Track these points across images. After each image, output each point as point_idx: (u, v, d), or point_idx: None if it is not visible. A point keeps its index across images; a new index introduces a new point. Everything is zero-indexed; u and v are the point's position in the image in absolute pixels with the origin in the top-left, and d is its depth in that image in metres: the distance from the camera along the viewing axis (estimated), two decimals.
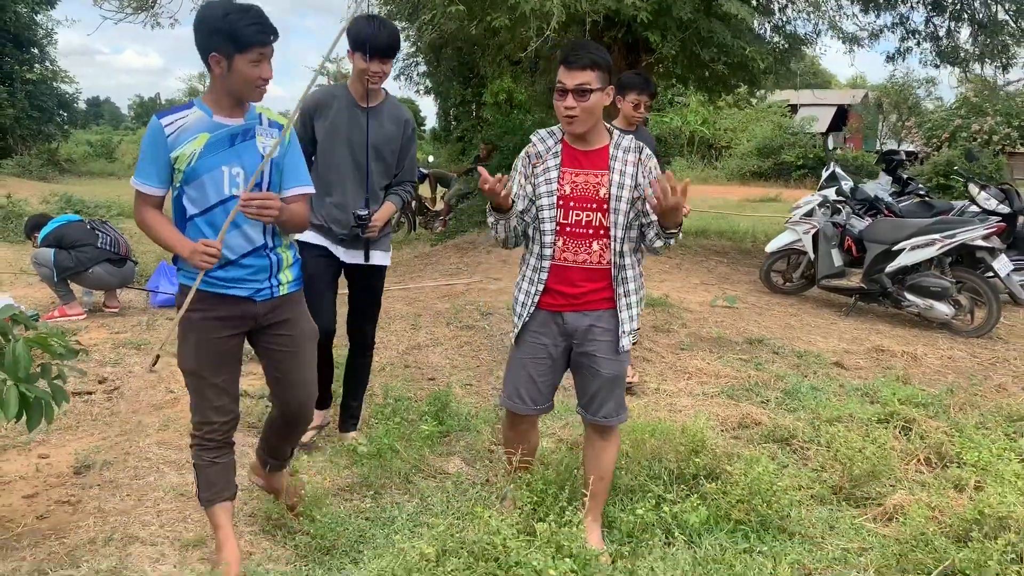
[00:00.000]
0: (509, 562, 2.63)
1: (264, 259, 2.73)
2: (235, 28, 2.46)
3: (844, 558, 3.17)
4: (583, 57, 2.83)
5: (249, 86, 2.56)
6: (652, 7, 7.62)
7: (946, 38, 10.31)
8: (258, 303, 2.73)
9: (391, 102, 3.76)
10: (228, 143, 2.62)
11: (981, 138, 28.51)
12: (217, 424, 2.76)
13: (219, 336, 2.69)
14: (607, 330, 2.98)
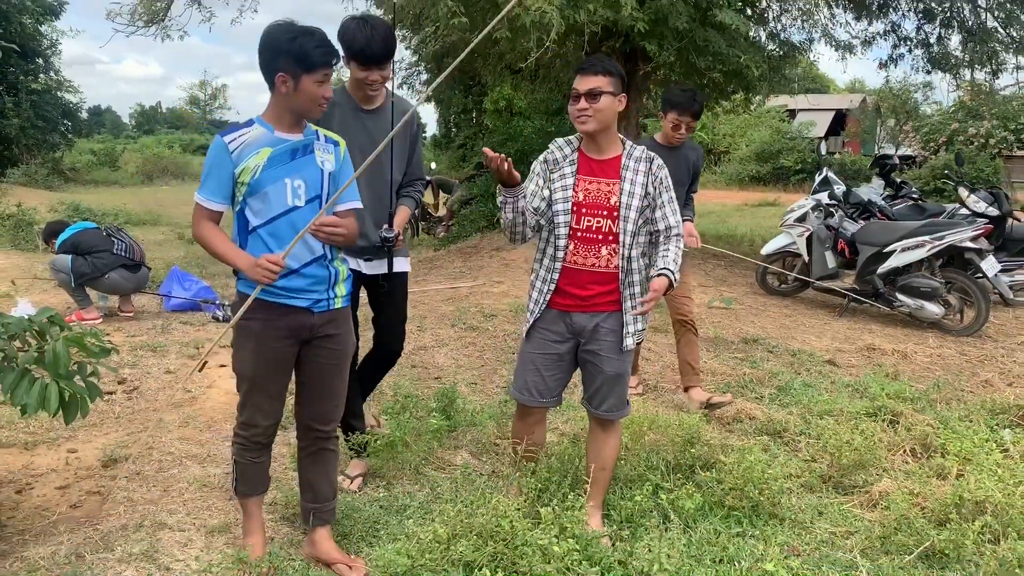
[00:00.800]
0: (516, 542, 2.83)
1: (324, 270, 2.85)
2: (304, 50, 2.61)
3: (831, 540, 3.36)
4: (596, 65, 3.05)
5: (313, 104, 2.71)
6: (649, 17, 7.82)
7: (937, 45, 10.54)
8: (315, 314, 2.84)
9: (397, 101, 3.63)
10: (289, 157, 2.76)
11: (978, 142, 28.76)
12: (263, 428, 2.90)
13: (277, 345, 2.81)
14: (612, 330, 3.17)
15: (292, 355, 2.86)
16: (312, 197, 2.78)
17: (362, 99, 3.46)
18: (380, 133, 3.46)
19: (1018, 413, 4.58)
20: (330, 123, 3.42)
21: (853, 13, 10.44)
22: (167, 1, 8.43)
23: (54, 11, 26.31)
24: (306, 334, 2.84)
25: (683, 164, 4.73)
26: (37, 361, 2.90)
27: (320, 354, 2.90)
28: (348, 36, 3.26)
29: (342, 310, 2.94)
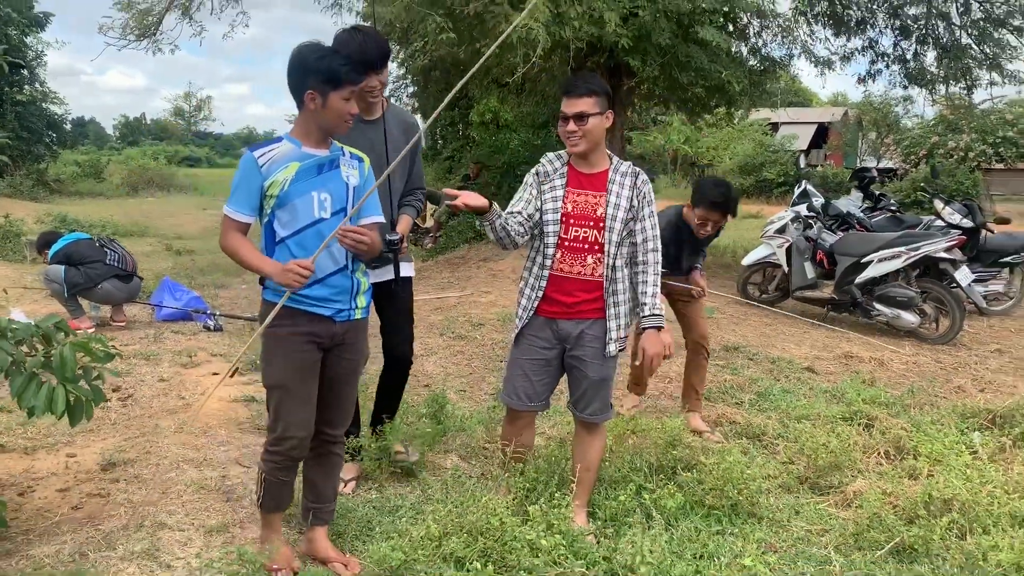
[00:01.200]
0: (505, 538, 2.96)
1: (347, 280, 2.97)
2: (331, 68, 2.75)
3: (807, 538, 3.51)
4: (581, 87, 3.19)
5: (339, 120, 2.84)
6: (633, 33, 8.02)
7: (913, 61, 10.82)
8: (337, 323, 2.95)
9: (394, 110, 3.75)
10: (316, 171, 2.88)
11: (957, 155, 29.20)
12: (298, 439, 2.94)
13: (304, 350, 2.90)
14: (596, 337, 3.31)
15: (318, 361, 2.94)
16: (338, 210, 2.90)
17: (363, 110, 3.54)
18: (381, 143, 3.58)
19: (988, 417, 4.75)
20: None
21: (832, 29, 10.71)
22: (159, 15, 8.54)
23: (40, 23, 26.33)
24: (328, 342, 2.94)
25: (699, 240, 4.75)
26: (44, 365, 3.01)
27: (338, 363, 3.01)
28: (343, 46, 3.34)
29: (361, 320, 3.06)
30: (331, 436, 3.12)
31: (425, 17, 7.43)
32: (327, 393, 3.04)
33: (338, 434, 3.15)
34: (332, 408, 3.08)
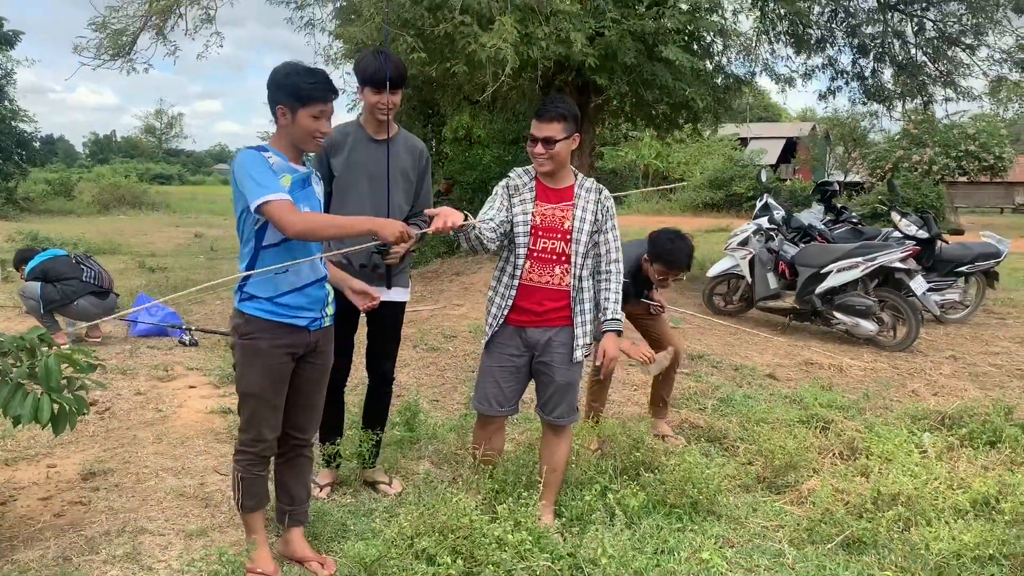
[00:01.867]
0: (474, 535, 3.11)
1: (323, 289, 3.13)
2: (297, 85, 2.89)
3: (763, 533, 3.70)
4: (551, 111, 3.37)
5: (308, 136, 2.96)
6: (599, 52, 8.24)
7: (871, 78, 11.18)
8: (311, 332, 3.10)
9: (404, 134, 3.88)
10: (302, 186, 3.04)
11: (921, 168, 29.87)
12: (270, 441, 3.10)
13: (282, 361, 3.04)
14: (563, 343, 3.49)
15: (291, 370, 3.09)
16: None
17: (374, 130, 3.73)
18: (392, 162, 3.73)
19: (937, 419, 4.98)
20: (342, 151, 3.73)
21: (793, 48, 11.04)
22: (132, 35, 8.65)
23: (9, 40, 26.25)
24: (302, 351, 3.09)
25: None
26: (30, 376, 3.13)
27: (308, 369, 3.15)
28: (362, 64, 3.62)
29: (330, 327, 3.22)
30: (300, 440, 3.25)
31: (396, 37, 7.61)
32: (297, 398, 3.18)
33: (307, 438, 3.28)
34: (301, 413, 3.22)
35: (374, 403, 4.09)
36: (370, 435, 3.97)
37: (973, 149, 30.31)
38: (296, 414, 3.20)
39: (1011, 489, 3.86)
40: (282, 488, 3.31)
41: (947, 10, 10.37)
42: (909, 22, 10.66)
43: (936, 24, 10.51)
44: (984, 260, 8.59)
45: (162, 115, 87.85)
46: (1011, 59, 9.87)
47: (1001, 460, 4.38)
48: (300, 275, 3.02)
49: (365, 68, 3.58)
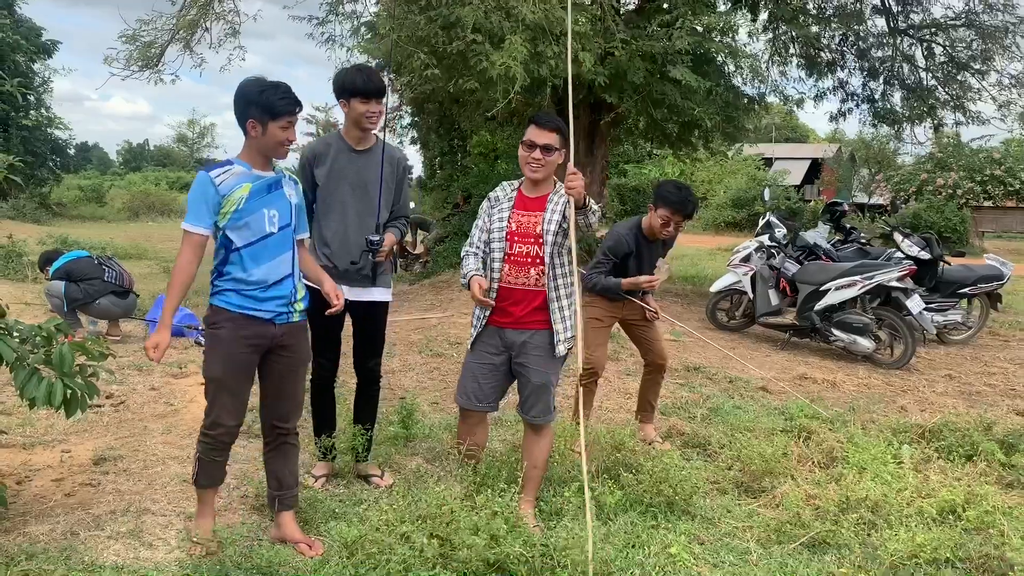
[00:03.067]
0: (453, 522, 3.32)
1: (291, 286, 3.37)
2: (270, 101, 3.16)
3: (733, 533, 3.86)
4: (552, 121, 3.62)
5: (278, 146, 3.25)
6: (609, 72, 8.48)
7: (881, 100, 11.31)
8: (277, 326, 3.33)
9: (385, 144, 4.07)
10: (266, 191, 3.29)
11: (946, 192, 29.76)
12: (228, 427, 3.33)
13: (242, 351, 3.27)
14: (538, 346, 3.71)
15: (255, 361, 3.32)
16: (283, 225, 3.33)
17: (355, 140, 3.98)
18: (368, 171, 3.98)
19: (918, 432, 5.11)
20: (325, 161, 3.97)
21: (805, 70, 11.22)
22: (161, 48, 9.01)
23: (47, 50, 27.02)
24: (268, 343, 3.31)
25: (660, 248, 5.04)
26: (45, 362, 3.39)
27: (279, 362, 3.38)
28: (348, 79, 3.87)
29: (299, 323, 3.44)
30: (284, 429, 3.48)
31: (411, 54, 7.89)
32: (274, 389, 3.42)
33: (290, 427, 3.49)
34: (281, 402, 3.45)
35: (363, 400, 4.30)
36: (361, 430, 4.19)
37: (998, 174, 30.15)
38: (276, 404, 3.44)
39: (978, 499, 4.01)
40: (271, 475, 3.53)
41: (956, 35, 10.51)
42: (919, 46, 10.80)
43: (945, 49, 10.65)
44: (987, 282, 8.68)
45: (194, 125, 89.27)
46: (1020, 84, 9.96)
47: (975, 473, 4.51)
48: (273, 272, 3.27)
49: (352, 81, 3.83)
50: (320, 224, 4.01)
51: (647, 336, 5.15)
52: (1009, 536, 3.71)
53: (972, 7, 10.35)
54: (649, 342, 5.14)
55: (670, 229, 4.73)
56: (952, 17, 10.66)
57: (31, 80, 26.54)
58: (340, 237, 3.97)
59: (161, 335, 3.17)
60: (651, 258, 4.96)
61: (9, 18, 24.92)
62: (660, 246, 5.00)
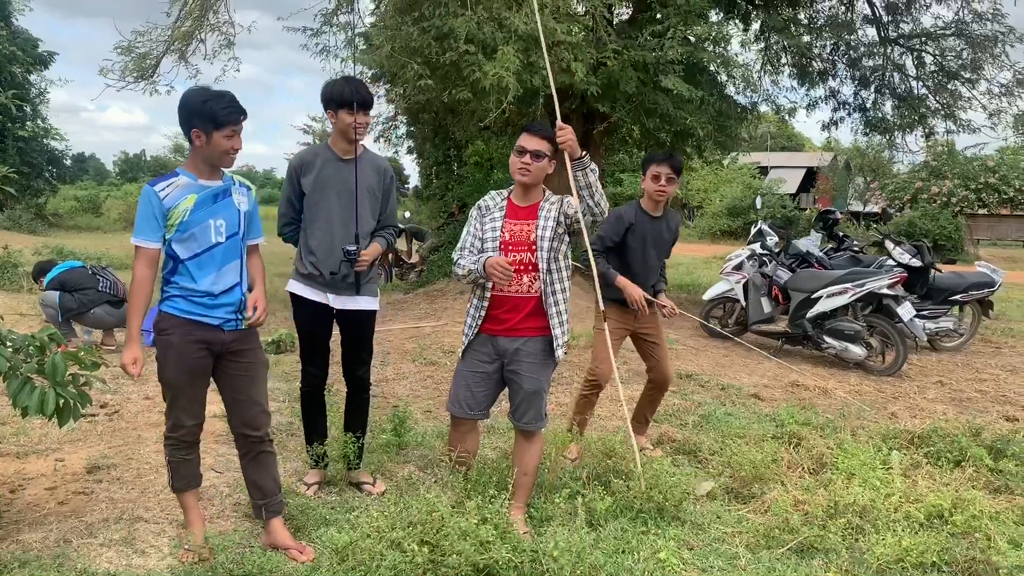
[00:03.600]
0: (443, 528, 3.34)
1: (239, 294, 3.40)
2: (213, 110, 3.17)
3: (723, 538, 3.89)
4: (543, 129, 3.69)
5: (223, 155, 3.26)
6: (602, 81, 8.54)
7: (872, 109, 11.40)
8: (225, 332, 3.36)
9: (370, 154, 4.13)
10: (212, 201, 3.31)
11: (940, 200, 29.91)
12: (188, 427, 3.40)
13: (194, 355, 3.31)
14: (531, 353, 3.74)
15: (208, 364, 3.36)
16: (231, 234, 3.35)
17: (342, 150, 4.02)
18: (353, 181, 4.01)
19: (908, 438, 5.15)
20: (312, 170, 4.01)
21: (797, 79, 11.30)
22: (156, 59, 9.06)
23: (44, 61, 27.06)
24: (218, 348, 3.35)
25: (665, 231, 4.94)
26: (38, 371, 3.41)
27: (234, 367, 3.41)
28: (335, 90, 3.91)
29: (248, 331, 3.45)
30: (255, 437, 3.49)
31: (405, 65, 7.95)
32: (235, 395, 3.44)
33: (261, 435, 3.50)
34: (245, 408, 3.47)
35: (353, 409, 4.33)
36: (352, 438, 4.22)
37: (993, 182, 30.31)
38: (240, 411, 3.46)
39: (965, 504, 4.04)
40: (252, 484, 3.56)
41: (946, 45, 10.60)
42: (909, 55, 10.89)
43: (935, 58, 10.74)
44: (978, 289, 8.74)
45: None
46: (1009, 93, 10.05)
47: (963, 478, 4.55)
48: (223, 282, 3.30)
49: (340, 93, 3.86)
50: (307, 232, 4.05)
51: (656, 354, 5.07)
52: (995, 540, 3.75)
53: (961, 17, 10.46)
54: (657, 360, 5.08)
55: (662, 183, 4.67)
56: (942, 27, 10.76)
57: (27, 91, 26.59)
58: (326, 245, 3.99)
59: (134, 350, 3.23)
60: (655, 240, 4.87)
61: (6, 30, 24.96)
62: (664, 229, 4.91)
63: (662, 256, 5.00)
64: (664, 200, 4.81)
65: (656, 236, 4.88)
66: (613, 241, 4.80)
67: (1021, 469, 4.74)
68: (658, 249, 4.92)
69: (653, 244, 4.87)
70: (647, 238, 4.84)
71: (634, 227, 4.79)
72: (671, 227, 4.99)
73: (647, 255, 4.86)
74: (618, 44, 8.40)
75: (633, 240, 4.80)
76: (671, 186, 4.72)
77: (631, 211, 4.83)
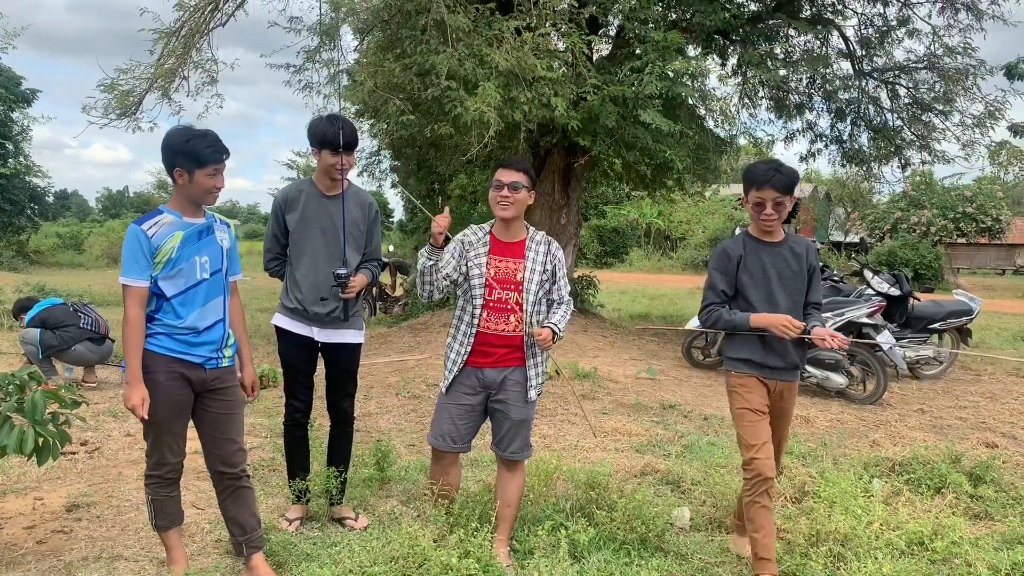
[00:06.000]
0: (425, 562, 3.34)
1: (221, 331, 3.42)
2: (196, 149, 3.21)
3: (706, 568, 3.90)
4: (518, 163, 3.75)
5: (206, 194, 3.30)
6: (582, 116, 8.66)
7: (849, 141, 11.60)
8: (207, 370, 3.38)
9: (354, 189, 4.15)
10: (197, 238, 3.35)
11: (920, 229, 30.31)
12: (172, 464, 3.39)
13: (178, 392, 3.31)
14: (517, 382, 3.76)
15: (190, 401, 3.36)
16: (215, 270, 3.39)
17: (326, 187, 4.06)
18: (339, 217, 4.05)
19: (889, 466, 5.19)
20: (296, 208, 4.05)
21: (774, 113, 11.50)
22: (139, 96, 9.11)
23: (27, 99, 27.09)
24: (199, 386, 3.36)
25: (791, 260, 3.70)
26: (17, 409, 3.41)
27: (212, 405, 3.42)
28: (320, 130, 3.93)
29: (228, 368, 3.47)
30: (232, 474, 3.49)
31: (387, 100, 8.03)
32: (213, 433, 3.44)
33: (238, 471, 3.50)
34: (221, 446, 3.46)
35: (336, 443, 4.32)
36: (334, 473, 4.21)
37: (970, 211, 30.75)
38: (218, 449, 3.46)
39: (945, 530, 4.07)
40: (231, 521, 3.54)
41: (919, 78, 10.82)
42: (884, 88, 11.10)
43: (909, 90, 10.95)
44: (956, 317, 8.84)
45: None
46: (982, 124, 10.25)
47: (943, 504, 4.58)
48: (203, 318, 3.32)
49: (324, 133, 3.89)
50: (292, 268, 4.08)
51: (782, 426, 3.96)
52: (976, 566, 3.77)
53: (933, 51, 10.68)
54: (780, 437, 3.97)
55: (768, 211, 3.53)
56: (914, 60, 10.99)
57: (10, 129, 26.59)
58: (311, 280, 4.02)
59: (140, 390, 3.19)
60: (778, 273, 3.68)
61: None
62: (788, 256, 3.70)
63: (795, 294, 3.73)
64: (775, 227, 3.66)
65: (779, 267, 3.69)
66: (727, 284, 3.73)
67: (1000, 495, 4.79)
68: (785, 284, 3.70)
69: (777, 279, 3.68)
70: (767, 271, 3.68)
71: (745, 260, 3.70)
72: (798, 253, 3.73)
73: (772, 294, 3.68)
74: (598, 79, 8.53)
75: (746, 277, 3.70)
76: (781, 212, 3.58)
77: (738, 242, 3.76)
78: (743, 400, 3.72)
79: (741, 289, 3.71)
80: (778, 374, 3.75)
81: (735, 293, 3.74)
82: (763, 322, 3.59)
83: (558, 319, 3.76)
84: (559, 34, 8.55)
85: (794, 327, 3.54)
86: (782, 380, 3.79)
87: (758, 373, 3.73)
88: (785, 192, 3.52)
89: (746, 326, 3.64)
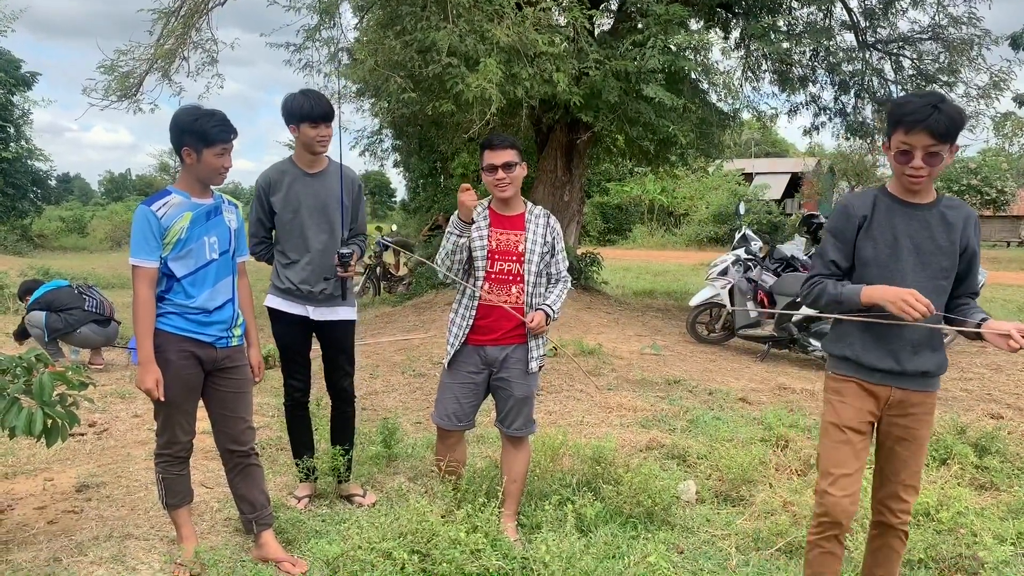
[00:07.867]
0: (433, 537, 3.36)
1: (231, 311, 3.44)
2: (204, 129, 3.21)
3: (712, 541, 3.92)
4: (504, 141, 3.71)
5: (214, 173, 3.30)
6: (584, 91, 8.60)
7: (853, 114, 11.51)
8: (217, 349, 3.39)
9: (335, 166, 4.12)
10: (206, 219, 3.35)
11: None
12: (183, 443, 3.42)
13: (189, 371, 3.33)
14: (519, 360, 3.77)
15: (200, 380, 3.38)
16: (223, 251, 3.39)
17: (307, 164, 4.04)
18: (324, 192, 4.04)
19: None
20: (280, 189, 4.03)
21: (777, 86, 11.41)
22: (139, 77, 9.08)
23: (27, 82, 27.00)
24: (210, 365, 3.37)
25: (928, 231, 2.73)
26: (26, 391, 3.42)
27: (222, 384, 3.44)
28: (295, 104, 3.90)
29: (238, 347, 3.49)
30: (242, 451, 3.52)
31: (388, 78, 7.99)
32: (223, 411, 3.47)
33: (247, 449, 3.53)
34: (231, 425, 3.49)
35: (339, 422, 4.34)
36: (340, 451, 4.23)
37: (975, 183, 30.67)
38: (227, 427, 3.49)
39: (951, 501, 4.09)
40: (240, 499, 3.57)
41: (923, 49, 10.72)
42: (888, 60, 11.01)
43: (913, 62, 10.86)
44: None
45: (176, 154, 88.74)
46: (987, 95, 10.16)
47: (949, 475, 4.60)
48: (213, 298, 3.33)
49: (301, 106, 3.85)
50: (282, 249, 4.06)
51: (905, 454, 2.93)
52: (981, 536, 3.80)
53: (938, 21, 10.57)
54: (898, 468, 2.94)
55: (917, 162, 2.56)
56: (919, 31, 10.89)
57: (10, 112, 26.53)
58: (304, 261, 4.02)
59: (154, 372, 3.20)
60: (915, 244, 2.71)
61: None
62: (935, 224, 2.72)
63: (937, 276, 2.73)
64: (925, 185, 2.67)
65: (918, 238, 2.72)
66: (841, 254, 2.81)
67: (1006, 466, 4.81)
68: (925, 261, 2.72)
69: (913, 252, 2.72)
70: (899, 241, 2.72)
71: (871, 223, 2.77)
72: (950, 223, 2.74)
73: (901, 268, 2.72)
74: (600, 54, 8.46)
75: (869, 245, 2.76)
76: (935, 166, 2.60)
77: (866, 198, 2.82)
78: (833, 412, 2.87)
79: (861, 261, 2.77)
80: (893, 379, 2.78)
81: (850, 265, 2.81)
82: (877, 296, 2.61)
83: (553, 300, 3.78)
84: (560, 9, 8.47)
85: (920, 306, 2.50)
86: (899, 388, 2.80)
87: (861, 377, 2.81)
88: (943, 140, 2.54)
89: (856, 302, 2.67)
